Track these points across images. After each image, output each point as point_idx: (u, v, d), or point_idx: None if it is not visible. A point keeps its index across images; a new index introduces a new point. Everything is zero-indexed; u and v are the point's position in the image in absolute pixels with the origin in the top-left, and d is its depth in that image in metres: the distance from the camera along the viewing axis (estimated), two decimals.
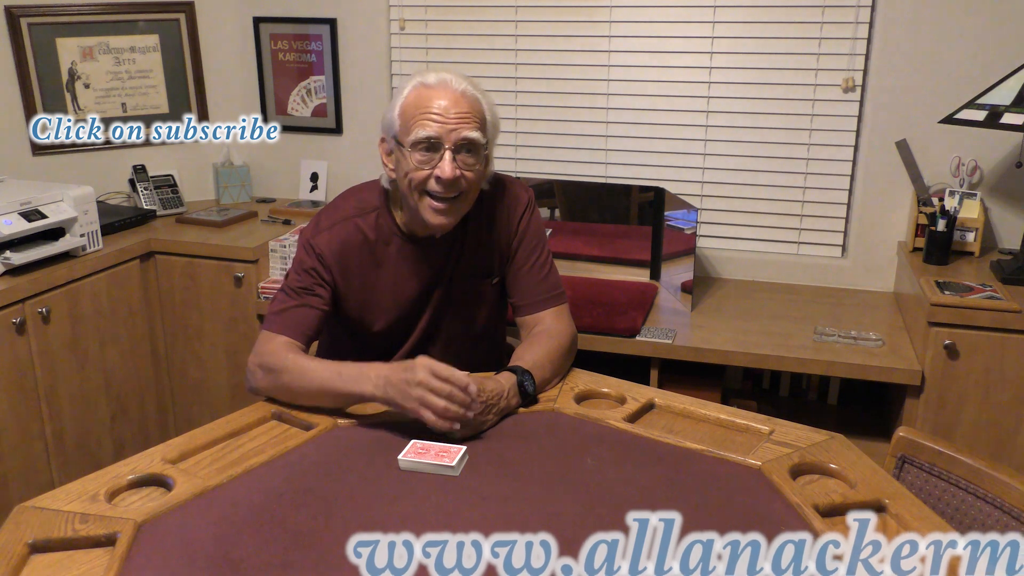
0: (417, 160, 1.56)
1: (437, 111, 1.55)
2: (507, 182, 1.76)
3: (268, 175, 3.16)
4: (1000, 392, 2.07)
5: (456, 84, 1.58)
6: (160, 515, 1.23)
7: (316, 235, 1.66)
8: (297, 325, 1.62)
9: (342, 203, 1.72)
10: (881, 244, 2.58)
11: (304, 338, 1.63)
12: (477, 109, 1.58)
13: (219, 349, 2.74)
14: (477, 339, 1.81)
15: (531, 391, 1.56)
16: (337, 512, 1.23)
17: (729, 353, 2.22)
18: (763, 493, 1.29)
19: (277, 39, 3.01)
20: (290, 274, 1.68)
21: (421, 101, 1.56)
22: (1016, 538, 1.11)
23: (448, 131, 1.54)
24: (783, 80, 2.57)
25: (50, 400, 2.41)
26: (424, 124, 1.54)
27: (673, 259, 2.55)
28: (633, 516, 1.10)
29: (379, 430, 1.48)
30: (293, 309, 1.63)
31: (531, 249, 1.74)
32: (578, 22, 2.70)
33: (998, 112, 2.13)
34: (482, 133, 1.58)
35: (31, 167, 2.80)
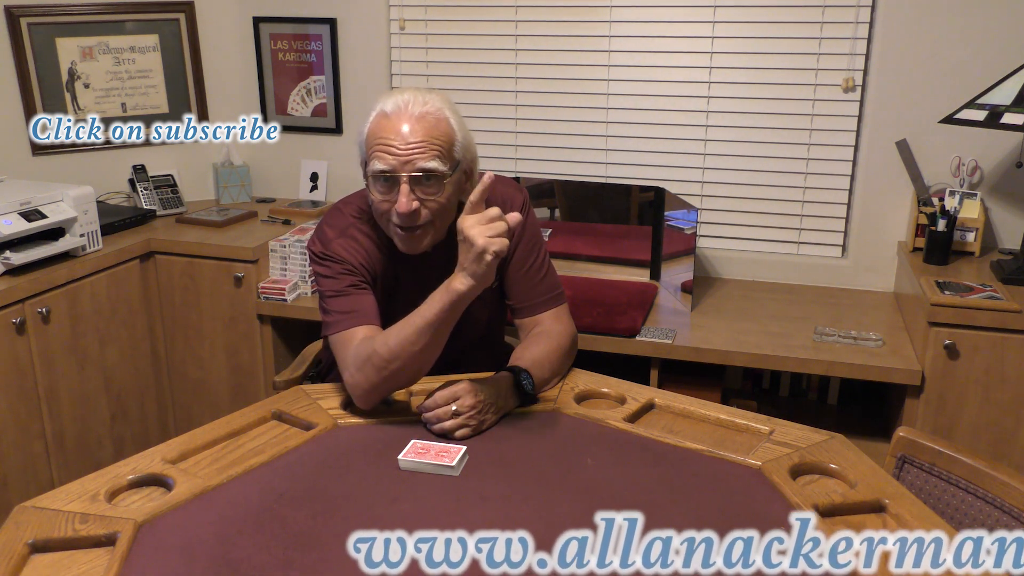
0: (377, 193, 1.53)
1: (392, 142, 1.49)
2: (502, 183, 1.73)
3: (268, 175, 3.16)
4: (1000, 392, 2.07)
5: (414, 107, 1.50)
6: (160, 515, 1.23)
7: (327, 244, 1.62)
8: (365, 314, 1.56)
9: (341, 212, 1.69)
10: (881, 244, 2.58)
11: (377, 320, 1.58)
12: (437, 133, 1.51)
13: (219, 349, 2.74)
14: (477, 344, 1.79)
15: (529, 389, 1.55)
16: (337, 512, 1.23)
17: (729, 353, 2.22)
18: (763, 493, 1.29)
19: (277, 39, 3.01)
20: (322, 284, 1.62)
21: (378, 131, 1.52)
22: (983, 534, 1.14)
23: (403, 163, 1.49)
24: (783, 80, 2.57)
25: (50, 400, 2.41)
26: (379, 156, 1.50)
27: (673, 259, 2.55)
28: (600, 515, 1.17)
29: (379, 430, 1.48)
30: (348, 305, 1.57)
31: (528, 251, 1.72)
32: (578, 22, 2.70)
33: (998, 112, 2.13)
34: (442, 160, 1.50)
35: (31, 167, 2.80)
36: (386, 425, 1.50)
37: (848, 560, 1.13)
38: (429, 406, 1.47)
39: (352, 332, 1.55)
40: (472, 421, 1.45)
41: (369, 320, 1.56)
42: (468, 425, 1.45)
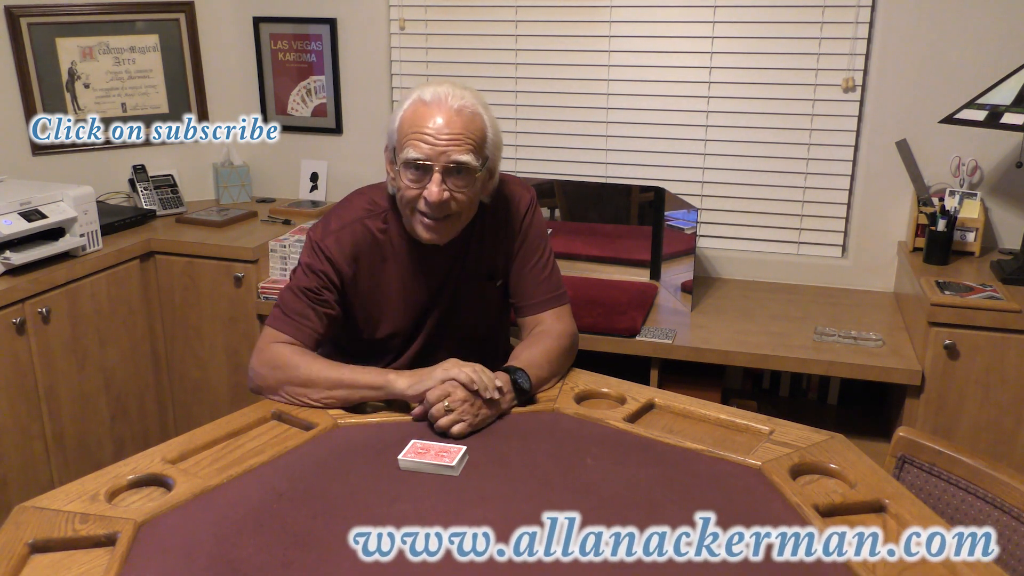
0: (407, 179, 1.54)
1: (429, 131, 1.51)
2: (509, 182, 1.75)
3: (268, 175, 3.16)
4: (1000, 392, 2.07)
5: (453, 100, 1.52)
6: (160, 515, 1.23)
7: (325, 237, 1.64)
8: (303, 329, 1.61)
9: (352, 203, 1.70)
10: (881, 244, 2.58)
11: (312, 343, 1.62)
12: (473, 128, 1.53)
13: (219, 349, 2.74)
14: (481, 341, 1.80)
15: (526, 387, 1.55)
16: (337, 512, 1.23)
17: (729, 353, 2.22)
18: (763, 493, 1.29)
19: (277, 39, 3.01)
20: (298, 272, 1.66)
21: (416, 119, 1.53)
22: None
23: (438, 153, 1.51)
24: (783, 80, 2.57)
25: (50, 400, 2.41)
26: (415, 144, 1.51)
27: (673, 259, 2.55)
28: (545, 515, 1.23)
29: (379, 430, 1.48)
30: (300, 311, 1.62)
31: (533, 249, 1.73)
32: (578, 22, 2.70)
33: (998, 112, 2.13)
34: (475, 155, 1.53)
35: (31, 167, 2.80)
36: (386, 425, 1.50)
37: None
38: (419, 413, 1.50)
39: (284, 338, 1.61)
40: (467, 416, 1.45)
41: (304, 337, 1.61)
42: (463, 420, 1.45)
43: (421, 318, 1.73)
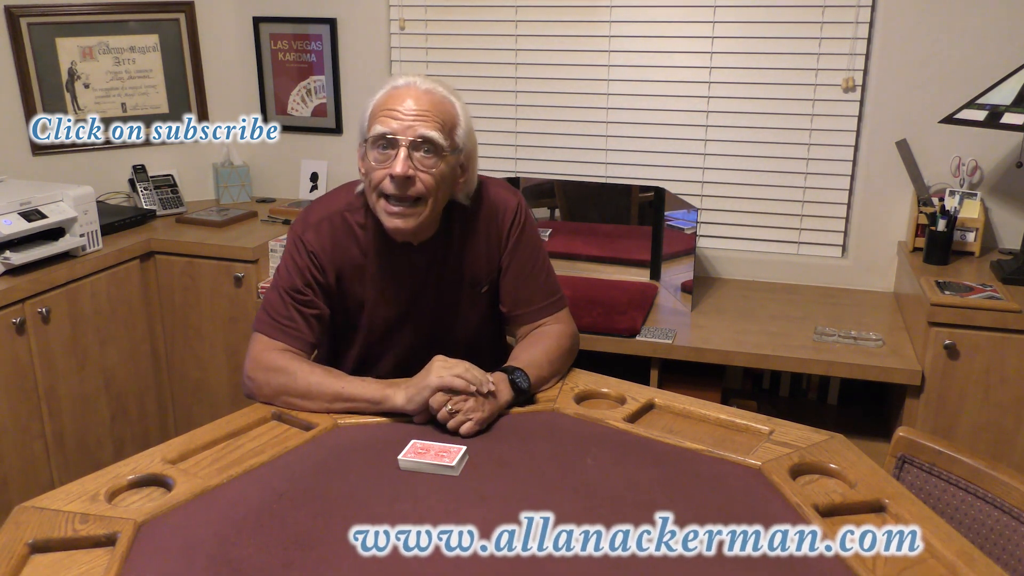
0: (374, 158, 1.53)
1: (398, 109, 1.51)
2: (493, 185, 1.70)
3: (268, 175, 3.16)
4: (1000, 392, 2.07)
5: (422, 84, 1.54)
6: (160, 515, 1.23)
7: (306, 231, 1.62)
8: (294, 334, 1.60)
9: (334, 196, 1.68)
10: (881, 244, 2.58)
11: (306, 347, 1.61)
12: (442, 109, 1.53)
13: (219, 349, 2.74)
14: (470, 347, 1.73)
15: (525, 387, 1.55)
16: (337, 512, 1.23)
17: (729, 353, 2.22)
18: (763, 493, 1.29)
19: (277, 39, 3.01)
20: (281, 270, 1.64)
21: (385, 101, 1.53)
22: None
23: (405, 127, 1.50)
24: (783, 80, 2.57)
25: (50, 400, 2.41)
26: (383, 121, 1.51)
27: (673, 259, 2.55)
28: (523, 515, 1.24)
29: (379, 430, 1.48)
30: (288, 316, 1.60)
31: (527, 256, 1.69)
32: (578, 22, 2.70)
33: (998, 112, 2.13)
34: (443, 134, 1.52)
35: (31, 167, 2.80)
36: (386, 425, 1.50)
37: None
38: (422, 422, 1.49)
39: (276, 343, 1.59)
40: (472, 414, 1.45)
41: (296, 342, 1.60)
42: (469, 418, 1.45)
43: (401, 323, 1.69)
